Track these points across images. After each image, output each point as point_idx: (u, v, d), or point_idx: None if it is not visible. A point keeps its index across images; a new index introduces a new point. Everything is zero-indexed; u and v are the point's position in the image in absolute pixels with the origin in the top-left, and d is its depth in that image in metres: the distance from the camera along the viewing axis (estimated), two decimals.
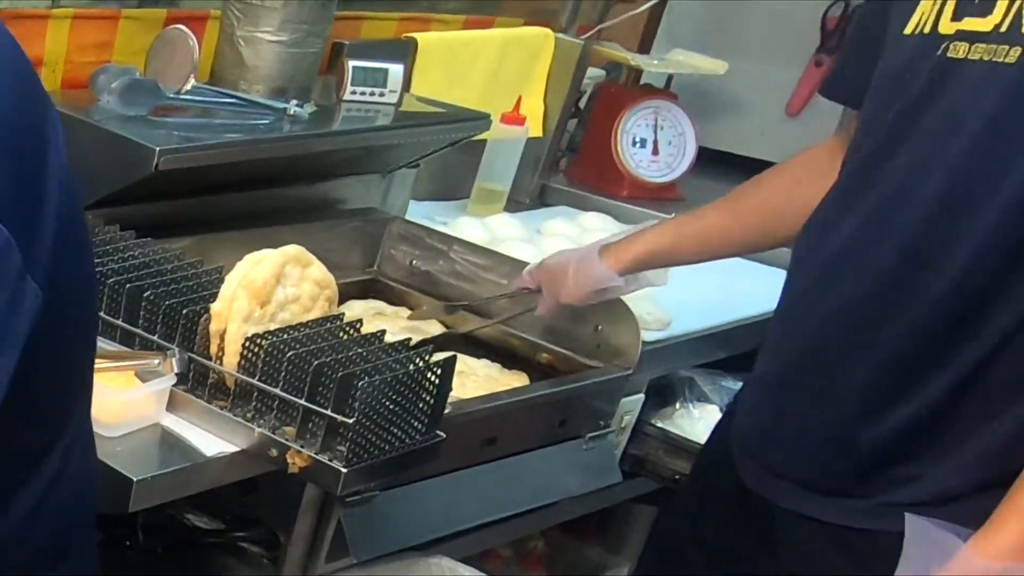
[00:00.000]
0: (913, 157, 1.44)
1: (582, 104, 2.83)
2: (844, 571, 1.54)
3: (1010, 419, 1.41)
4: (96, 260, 1.61)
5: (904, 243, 1.44)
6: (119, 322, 1.62)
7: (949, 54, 1.41)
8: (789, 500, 1.58)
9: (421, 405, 1.50)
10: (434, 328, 2.09)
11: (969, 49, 1.39)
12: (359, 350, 1.49)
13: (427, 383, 1.50)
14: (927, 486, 1.47)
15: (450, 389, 1.53)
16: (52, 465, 1.01)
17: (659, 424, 2.17)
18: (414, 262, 2.23)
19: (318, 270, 1.59)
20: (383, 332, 1.55)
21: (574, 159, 2.85)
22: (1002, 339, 1.38)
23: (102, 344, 1.58)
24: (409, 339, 1.54)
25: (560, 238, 2.41)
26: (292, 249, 1.57)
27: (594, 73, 2.77)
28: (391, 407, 1.46)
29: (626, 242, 1.87)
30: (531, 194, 2.71)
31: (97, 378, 1.44)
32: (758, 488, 1.63)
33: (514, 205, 2.59)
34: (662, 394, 2.19)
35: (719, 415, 2.17)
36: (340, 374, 1.42)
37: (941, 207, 1.41)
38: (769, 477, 1.61)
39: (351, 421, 1.42)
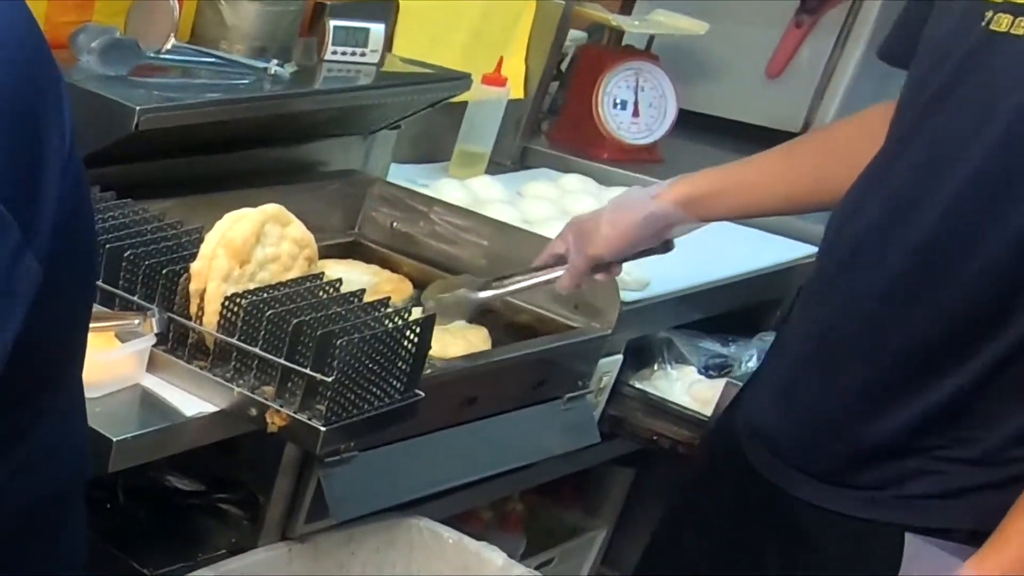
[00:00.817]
0: (943, 140, 1.38)
1: (563, 66, 2.83)
2: (850, 562, 1.52)
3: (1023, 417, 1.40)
4: None
5: (929, 232, 1.39)
6: (99, 283, 1.62)
7: (992, 26, 1.32)
8: (797, 488, 1.56)
9: (400, 364, 1.50)
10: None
11: (1013, 23, 1.31)
12: (338, 309, 1.49)
13: (406, 341, 1.50)
14: (938, 480, 1.45)
15: (429, 348, 1.53)
16: (38, 435, 1.02)
17: (637, 385, 2.18)
18: (395, 224, 2.23)
19: (297, 229, 1.59)
20: (362, 291, 1.55)
21: (555, 121, 2.85)
22: None
23: None
24: (388, 298, 1.54)
25: (541, 200, 2.41)
26: (271, 208, 1.56)
27: (576, 35, 2.76)
28: (370, 365, 1.46)
29: (668, 185, 1.76)
30: (512, 156, 2.70)
31: None
32: (766, 473, 1.60)
33: (495, 167, 2.59)
34: (640, 355, 2.20)
35: (697, 376, 2.19)
36: (319, 332, 1.42)
37: (969, 195, 1.35)
38: (778, 463, 1.58)
39: (330, 379, 1.42)
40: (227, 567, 1.71)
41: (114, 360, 1.53)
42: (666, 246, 1.81)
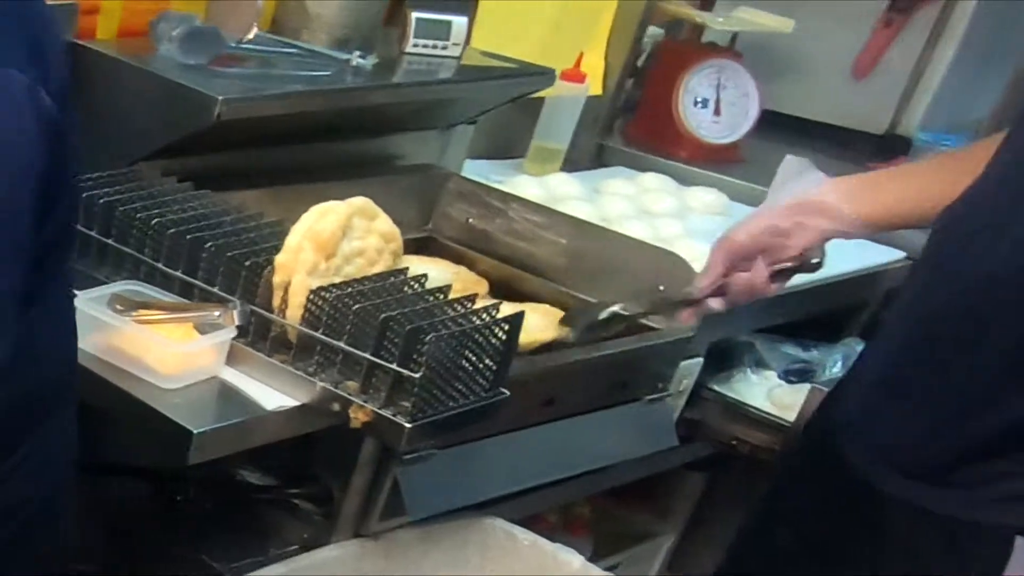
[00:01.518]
0: None
1: (639, 63, 2.79)
2: (946, 563, 1.50)
3: None
4: (155, 211, 1.63)
5: None
6: (178, 273, 1.61)
7: None
8: (894, 485, 1.53)
9: (487, 361, 1.49)
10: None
11: None
12: (425, 304, 1.48)
13: (494, 339, 1.48)
14: None
15: (517, 346, 1.52)
16: (31, 318, 1.08)
17: (717, 388, 2.15)
18: (471, 220, 2.20)
19: (385, 223, 1.58)
20: (448, 287, 1.53)
21: (631, 119, 2.82)
22: None
23: (159, 295, 1.57)
24: (475, 295, 1.53)
25: (619, 197, 2.39)
26: (359, 201, 1.55)
27: (652, 31, 2.73)
28: (458, 362, 1.45)
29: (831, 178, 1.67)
30: (588, 154, 2.67)
31: (155, 329, 1.47)
32: (862, 469, 1.57)
33: (570, 165, 2.56)
34: (721, 358, 2.17)
35: (777, 381, 2.16)
36: (408, 328, 1.41)
37: None
38: (875, 459, 1.55)
39: (417, 375, 1.41)
40: (299, 563, 1.70)
41: (194, 352, 1.52)
42: (818, 264, 1.71)
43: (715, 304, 1.75)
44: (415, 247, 2.16)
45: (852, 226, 1.66)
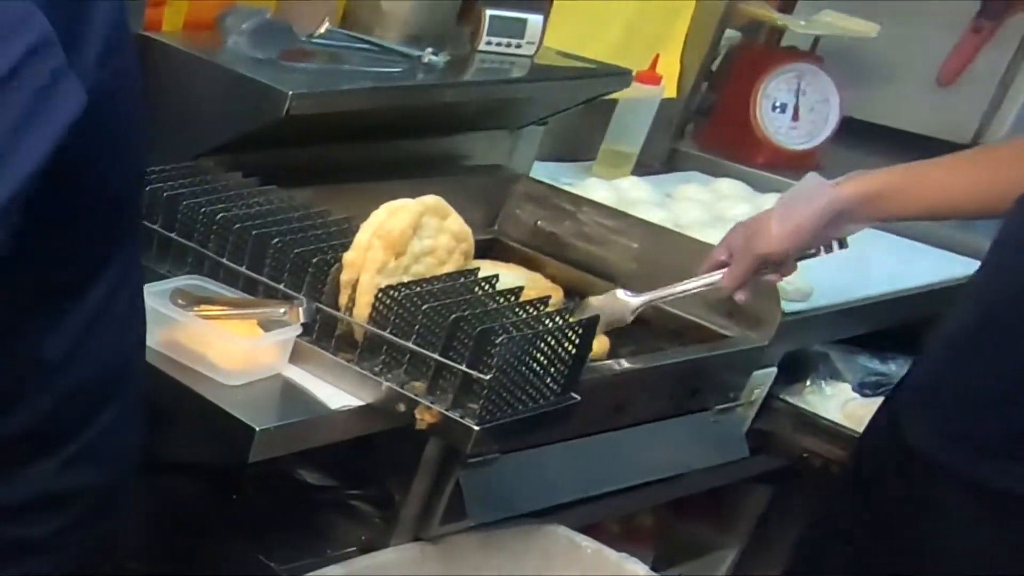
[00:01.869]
0: None
1: (714, 66, 2.75)
2: (1016, 556, 1.50)
3: None
4: (220, 206, 1.63)
5: None
6: (243, 269, 1.60)
7: None
8: (956, 463, 1.52)
9: (559, 365, 1.46)
10: None
11: None
12: (495, 306, 1.46)
13: (567, 343, 1.46)
14: None
15: (590, 350, 1.49)
16: (97, 298, 1.09)
17: (788, 399, 2.10)
18: (539, 223, 2.17)
19: (456, 222, 1.56)
20: (520, 289, 1.51)
21: (704, 123, 2.77)
22: None
23: (223, 291, 1.55)
24: (548, 297, 1.50)
25: (693, 203, 2.34)
26: (430, 199, 1.54)
27: (729, 34, 2.69)
28: (530, 364, 1.43)
29: (846, 179, 1.68)
30: (659, 158, 2.63)
31: (219, 325, 1.45)
32: (925, 449, 1.55)
33: (640, 168, 2.52)
34: (793, 369, 2.12)
35: (851, 393, 2.12)
36: (478, 329, 1.39)
37: None
38: (938, 439, 1.54)
39: (487, 377, 1.39)
40: (357, 565, 1.69)
41: (257, 348, 1.51)
42: (840, 244, 1.73)
43: (740, 296, 1.78)
44: (480, 249, 2.12)
45: (876, 222, 1.75)
